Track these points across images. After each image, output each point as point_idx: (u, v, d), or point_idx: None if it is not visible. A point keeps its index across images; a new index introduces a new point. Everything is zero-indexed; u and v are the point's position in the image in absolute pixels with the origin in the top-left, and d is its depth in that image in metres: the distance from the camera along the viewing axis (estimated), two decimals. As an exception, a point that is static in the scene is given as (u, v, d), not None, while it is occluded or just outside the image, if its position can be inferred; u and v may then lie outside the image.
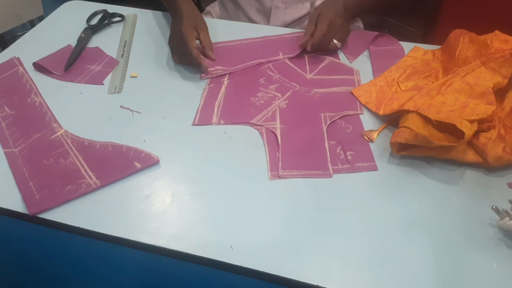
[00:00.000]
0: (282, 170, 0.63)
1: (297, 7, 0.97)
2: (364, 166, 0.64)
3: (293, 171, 0.63)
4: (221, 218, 0.57)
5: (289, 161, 0.65)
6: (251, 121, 0.71)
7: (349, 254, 0.53)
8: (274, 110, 0.73)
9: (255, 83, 0.79)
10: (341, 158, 0.65)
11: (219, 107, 0.74)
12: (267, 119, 0.72)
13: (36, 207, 0.58)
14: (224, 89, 0.78)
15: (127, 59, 0.86)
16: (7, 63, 0.84)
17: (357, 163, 0.65)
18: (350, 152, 0.66)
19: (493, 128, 0.64)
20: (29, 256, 0.68)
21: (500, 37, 0.74)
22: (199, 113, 0.73)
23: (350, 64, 0.84)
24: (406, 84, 0.76)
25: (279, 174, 0.63)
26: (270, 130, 0.70)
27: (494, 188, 0.61)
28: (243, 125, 0.71)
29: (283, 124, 0.71)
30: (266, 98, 0.76)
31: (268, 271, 0.52)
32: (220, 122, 0.71)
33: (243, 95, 0.77)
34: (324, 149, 0.67)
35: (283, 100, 0.76)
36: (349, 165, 0.64)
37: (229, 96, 0.77)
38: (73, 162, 0.64)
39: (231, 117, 0.72)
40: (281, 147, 0.66)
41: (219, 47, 0.88)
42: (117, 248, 0.57)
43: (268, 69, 0.83)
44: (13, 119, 0.72)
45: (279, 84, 0.79)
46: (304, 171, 0.63)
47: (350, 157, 0.65)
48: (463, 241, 0.55)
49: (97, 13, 0.98)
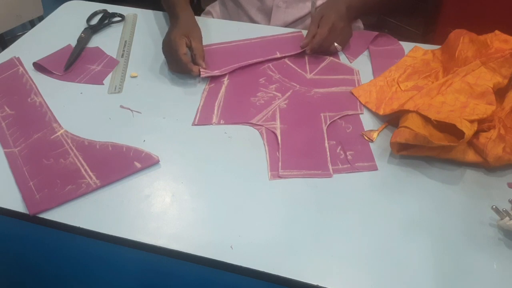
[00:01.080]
0: (282, 170, 0.63)
1: (298, 6, 0.97)
2: (364, 166, 0.64)
3: (293, 171, 0.63)
4: (221, 218, 0.57)
5: (289, 161, 0.65)
6: (251, 121, 0.71)
7: (349, 254, 0.53)
8: (274, 110, 0.73)
9: (255, 83, 0.79)
10: (341, 158, 0.65)
11: (219, 107, 0.74)
12: (267, 119, 0.72)
13: (36, 207, 0.58)
14: (224, 89, 0.78)
15: (127, 59, 0.86)
16: (7, 63, 0.84)
17: (357, 163, 0.64)
18: (350, 152, 0.66)
19: (493, 128, 0.64)
20: (29, 256, 0.68)
21: (500, 37, 0.74)
22: (199, 113, 0.73)
23: (350, 64, 0.84)
24: (406, 84, 0.76)
25: (279, 174, 0.63)
26: (270, 130, 0.70)
27: (494, 188, 0.61)
28: (243, 125, 0.71)
29: (283, 124, 0.71)
30: (266, 98, 0.76)
31: (268, 271, 0.52)
32: (220, 122, 0.71)
33: (243, 95, 0.77)
34: (324, 149, 0.67)
35: (283, 100, 0.76)
36: (349, 165, 0.64)
37: (229, 96, 0.77)
38: (73, 162, 0.64)
39: (231, 117, 0.72)
40: (281, 147, 0.66)
41: (216, 48, 0.87)
42: (117, 248, 0.57)
43: (268, 69, 0.83)
44: (13, 119, 0.72)
45: (279, 84, 0.79)
46: (304, 171, 0.63)
47: (350, 157, 0.65)
48: (463, 241, 0.55)
49: (97, 13, 0.98)
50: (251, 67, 0.83)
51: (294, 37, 0.90)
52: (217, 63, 0.83)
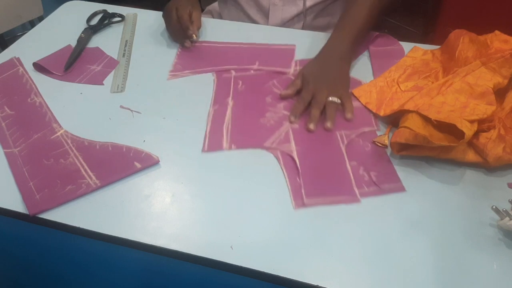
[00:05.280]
0: (306, 198, 0.59)
1: (295, 3, 0.97)
2: (391, 188, 0.60)
3: (318, 198, 0.59)
4: (221, 218, 0.57)
5: (312, 187, 0.60)
6: (265, 144, 0.67)
7: (349, 254, 0.53)
8: (286, 131, 0.69)
9: (262, 103, 0.75)
10: (365, 180, 0.61)
11: (228, 131, 0.69)
12: (280, 141, 0.67)
13: (36, 207, 0.58)
14: (230, 111, 0.73)
15: (128, 58, 0.86)
16: (7, 63, 0.84)
17: (382, 184, 0.60)
18: (373, 172, 0.62)
19: (493, 128, 0.64)
20: (29, 256, 0.68)
21: (500, 37, 0.74)
22: (207, 138, 0.68)
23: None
24: (406, 84, 0.76)
25: (304, 202, 0.59)
26: (286, 153, 0.65)
27: (494, 188, 0.61)
28: (256, 149, 0.66)
29: (299, 145, 0.66)
30: (276, 118, 0.71)
31: (268, 271, 0.52)
32: (231, 147, 0.67)
33: (252, 116, 0.72)
34: (347, 171, 0.62)
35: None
36: (375, 187, 0.60)
37: (237, 118, 0.72)
38: (73, 162, 0.64)
39: (243, 141, 0.68)
40: (301, 172, 0.62)
41: (199, 46, 0.88)
42: (117, 248, 0.57)
43: (273, 86, 0.78)
44: (13, 119, 0.72)
45: (287, 102, 0.74)
46: (330, 198, 0.59)
47: (374, 178, 0.61)
48: (463, 241, 0.55)
49: (97, 13, 0.98)
50: (253, 85, 0.78)
51: (285, 51, 0.86)
52: (192, 62, 0.83)
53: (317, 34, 0.92)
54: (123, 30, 0.94)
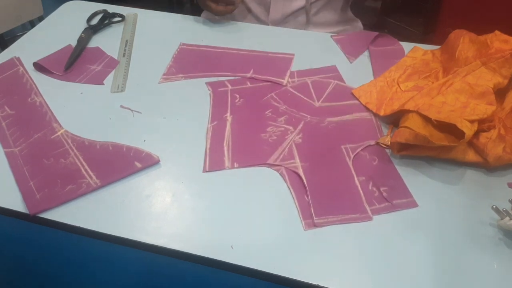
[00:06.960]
0: (316, 217, 0.57)
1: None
2: (402, 203, 0.59)
3: (328, 217, 0.57)
4: (221, 218, 0.57)
5: (321, 205, 0.58)
6: (268, 161, 0.64)
7: (349, 254, 0.53)
8: (290, 146, 0.66)
9: (262, 117, 0.72)
10: (375, 196, 0.59)
11: (229, 149, 0.66)
12: (284, 157, 0.65)
13: (37, 207, 0.58)
14: (229, 127, 0.70)
15: (128, 58, 0.86)
16: (7, 63, 0.84)
17: (394, 200, 0.59)
18: (383, 188, 0.60)
19: (493, 128, 0.64)
20: (29, 256, 0.68)
21: (500, 37, 0.74)
22: (208, 157, 0.65)
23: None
24: (407, 84, 0.76)
25: (315, 223, 0.57)
26: (291, 170, 0.63)
27: (494, 188, 0.61)
28: (259, 167, 0.64)
29: (304, 161, 0.64)
30: (277, 133, 0.69)
31: (268, 271, 0.52)
32: (234, 165, 0.64)
33: (252, 132, 0.69)
34: (356, 187, 0.60)
35: (297, 133, 0.69)
36: (387, 204, 0.58)
37: (236, 134, 0.69)
38: (74, 162, 0.64)
39: (245, 158, 0.65)
40: (308, 190, 0.60)
41: (195, 50, 0.87)
42: (117, 248, 0.57)
43: (272, 99, 0.75)
44: (13, 119, 0.72)
45: (288, 116, 0.72)
46: (340, 216, 0.57)
47: (385, 194, 0.59)
48: (463, 241, 0.55)
49: (97, 13, 0.98)
50: (252, 99, 0.76)
51: (282, 60, 0.84)
52: (186, 66, 0.82)
53: (321, 35, 0.92)
54: (124, 30, 0.94)
